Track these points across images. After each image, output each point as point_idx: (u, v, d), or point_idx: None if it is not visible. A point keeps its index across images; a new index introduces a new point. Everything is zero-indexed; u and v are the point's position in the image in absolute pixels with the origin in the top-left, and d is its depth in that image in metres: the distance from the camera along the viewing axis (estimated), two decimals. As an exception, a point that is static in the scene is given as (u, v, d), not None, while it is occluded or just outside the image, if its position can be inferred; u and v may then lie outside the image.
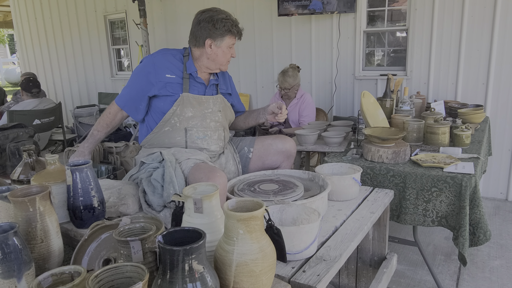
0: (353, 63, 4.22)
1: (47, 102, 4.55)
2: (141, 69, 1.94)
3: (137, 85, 1.93)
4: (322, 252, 1.37)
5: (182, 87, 1.91)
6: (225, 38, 1.92)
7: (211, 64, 1.97)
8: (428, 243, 2.92)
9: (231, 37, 1.94)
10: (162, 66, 1.90)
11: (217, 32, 1.90)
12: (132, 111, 1.97)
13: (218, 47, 1.92)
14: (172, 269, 0.84)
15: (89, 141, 2.00)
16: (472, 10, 3.51)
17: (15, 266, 0.98)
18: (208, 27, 1.89)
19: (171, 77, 1.90)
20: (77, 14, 6.45)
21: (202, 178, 1.62)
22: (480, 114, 2.88)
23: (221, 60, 1.96)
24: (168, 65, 1.91)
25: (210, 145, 1.97)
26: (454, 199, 1.97)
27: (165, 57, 1.93)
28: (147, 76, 1.90)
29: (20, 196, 1.20)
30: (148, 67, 1.91)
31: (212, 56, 1.94)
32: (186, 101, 1.91)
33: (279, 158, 2.11)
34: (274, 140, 2.13)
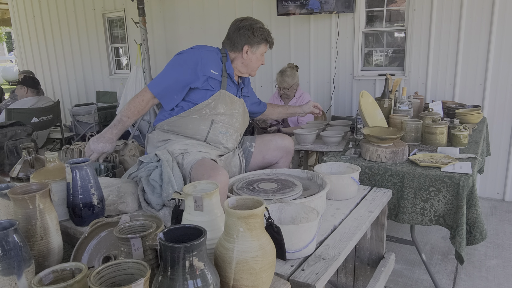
0: (352, 63, 4.23)
1: (45, 100, 4.54)
2: (186, 61, 1.96)
3: (178, 75, 1.95)
4: (320, 250, 1.38)
5: (221, 84, 2.02)
6: (261, 45, 2.07)
7: (243, 69, 2.11)
8: (426, 243, 2.93)
9: (266, 45, 2.10)
10: (209, 61, 1.98)
11: (255, 40, 2.04)
12: (166, 100, 1.99)
13: (253, 53, 2.07)
14: (173, 266, 0.84)
15: (118, 127, 1.94)
16: (470, 11, 3.53)
17: (15, 263, 0.98)
18: (248, 34, 2.03)
19: (214, 73, 1.99)
20: (76, 12, 6.44)
21: (204, 175, 1.67)
22: (477, 114, 2.90)
23: (253, 66, 2.10)
24: (213, 61, 2.00)
25: (228, 142, 2.07)
26: (451, 198, 1.98)
27: (211, 53, 2.02)
28: (194, 68, 1.94)
29: (20, 193, 1.20)
30: (195, 59, 1.96)
31: (247, 62, 2.08)
32: (222, 97, 2.01)
33: (278, 153, 2.21)
34: (274, 137, 2.25)
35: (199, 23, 5.12)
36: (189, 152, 1.88)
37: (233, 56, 2.08)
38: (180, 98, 1.98)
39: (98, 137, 1.91)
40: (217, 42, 5.47)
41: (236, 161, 2.13)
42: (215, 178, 1.64)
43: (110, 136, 1.93)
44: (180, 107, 2.00)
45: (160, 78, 1.98)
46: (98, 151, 1.90)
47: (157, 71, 5.76)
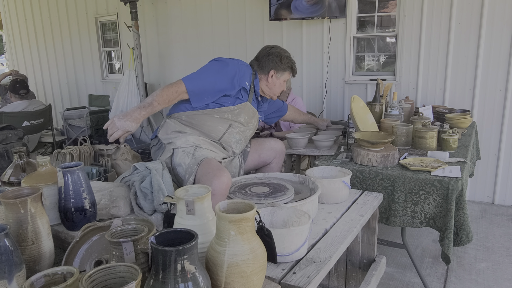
0: (344, 68, 4.27)
1: (36, 104, 4.52)
2: (226, 70, 2.06)
3: (215, 81, 2.04)
4: (312, 254, 1.39)
5: (248, 97, 2.19)
6: (285, 72, 2.26)
7: (267, 90, 2.28)
8: (417, 246, 2.96)
9: (290, 73, 2.30)
10: (245, 73, 2.13)
11: (282, 66, 2.23)
12: (196, 98, 2.04)
13: (278, 78, 2.25)
14: (164, 270, 0.85)
15: (148, 110, 1.86)
16: (459, 17, 3.59)
17: (6, 268, 0.98)
18: (276, 60, 2.22)
19: (247, 85, 2.14)
20: (68, 16, 6.41)
21: (209, 174, 1.78)
22: (467, 119, 2.94)
23: (275, 90, 2.29)
24: (248, 75, 2.16)
25: (237, 148, 2.21)
26: (441, 201, 2.01)
27: (247, 68, 2.17)
28: (232, 77, 2.06)
29: (11, 197, 1.20)
30: (235, 70, 2.08)
31: (270, 85, 2.26)
32: (246, 108, 2.18)
33: (271, 154, 2.38)
34: (267, 139, 2.46)
35: (192, 27, 5.13)
36: (202, 147, 2.02)
37: (259, 77, 2.26)
38: (210, 100, 2.08)
39: (125, 115, 1.79)
40: (209, 46, 5.46)
41: (236, 162, 2.25)
42: (219, 178, 1.73)
43: (138, 116, 1.81)
44: (205, 104, 2.09)
45: (197, 78, 2.04)
46: (123, 128, 1.76)
47: (150, 75, 5.75)
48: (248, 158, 2.36)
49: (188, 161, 1.95)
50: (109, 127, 1.77)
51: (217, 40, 4.97)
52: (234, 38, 4.83)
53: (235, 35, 4.82)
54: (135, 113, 1.81)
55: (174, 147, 2.03)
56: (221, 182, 1.73)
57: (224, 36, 4.90)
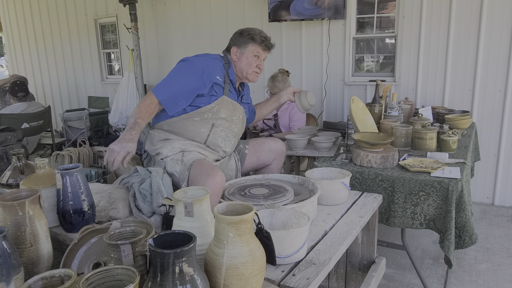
0: (343, 69, 4.27)
1: (36, 106, 4.51)
2: (193, 69, 2.00)
3: (185, 83, 1.98)
4: (311, 256, 1.38)
5: (223, 90, 2.08)
6: (248, 45, 2.09)
7: (238, 72, 2.14)
8: (416, 247, 2.95)
9: (255, 44, 2.09)
10: (215, 67, 2.04)
11: (242, 40, 2.10)
12: (170, 106, 1.99)
13: (242, 53, 2.10)
14: (162, 272, 0.85)
15: (136, 129, 1.87)
16: (458, 18, 3.59)
17: (4, 271, 0.98)
18: (235, 36, 2.14)
19: (219, 79, 2.04)
20: (67, 17, 6.42)
21: (203, 173, 1.74)
22: (466, 120, 2.94)
23: (244, 68, 2.11)
24: (218, 68, 2.06)
25: (227, 146, 2.13)
26: (441, 203, 2.00)
27: (215, 60, 2.07)
28: (201, 76, 1.99)
29: (9, 200, 1.19)
30: (202, 66, 2.00)
31: (237, 63, 2.13)
32: (224, 103, 2.07)
33: (271, 155, 2.30)
34: (267, 139, 2.34)
35: (191, 29, 5.13)
36: (190, 151, 1.95)
37: (231, 62, 2.15)
38: (185, 104, 2.01)
39: (119, 141, 1.82)
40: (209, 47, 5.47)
41: (233, 164, 2.19)
42: (213, 178, 1.69)
43: (130, 137, 1.84)
44: (182, 109, 2.03)
45: (166, 85, 1.98)
46: (123, 150, 1.77)
47: (149, 76, 5.75)
48: (246, 160, 2.29)
49: (179, 168, 1.89)
50: (108, 155, 1.75)
51: (216, 41, 4.97)
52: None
53: (234, 36, 4.81)
54: (127, 135, 1.84)
55: (162, 157, 1.98)
56: (215, 181, 1.70)
57: (223, 37, 4.89)
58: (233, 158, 2.23)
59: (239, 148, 2.31)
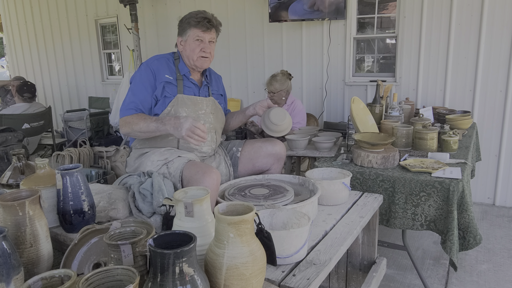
0: (344, 69, 4.26)
1: (36, 106, 4.52)
2: (143, 74, 1.94)
3: (144, 89, 1.92)
4: (312, 256, 1.38)
5: (177, 89, 1.96)
6: (188, 31, 1.96)
7: (188, 62, 2.00)
8: (417, 248, 2.95)
9: (194, 29, 1.94)
10: (161, 67, 1.95)
11: (181, 27, 1.98)
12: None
13: (185, 41, 1.97)
14: (162, 272, 0.84)
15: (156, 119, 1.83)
16: (459, 18, 3.59)
17: (3, 271, 0.98)
18: (178, 27, 2.02)
19: (169, 77, 1.95)
20: (68, 18, 6.42)
21: (198, 172, 1.67)
22: (467, 120, 2.93)
23: (190, 55, 1.96)
24: (165, 66, 1.97)
25: (202, 146, 2.00)
26: (442, 203, 2.00)
27: (160, 61, 1.98)
28: (150, 79, 1.93)
29: (9, 200, 1.19)
30: (149, 70, 1.94)
31: (184, 53, 2.00)
32: (181, 102, 1.94)
33: (269, 160, 2.14)
34: (264, 143, 2.15)
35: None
36: (172, 160, 1.83)
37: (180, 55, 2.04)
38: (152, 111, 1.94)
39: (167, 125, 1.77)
40: (210, 48, 5.38)
41: (223, 169, 2.08)
42: (209, 175, 1.64)
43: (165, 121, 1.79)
44: None
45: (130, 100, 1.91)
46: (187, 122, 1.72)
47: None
48: (239, 166, 2.13)
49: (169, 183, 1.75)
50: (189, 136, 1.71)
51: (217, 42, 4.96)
52: (234, 40, 4.82)
53: (234, 37, 4.82)
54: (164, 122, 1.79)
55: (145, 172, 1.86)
56: (212, 179, 1.65)
57: (224, 38, 4.89)
58: (224, 162, 2.10)
59: (231, 152, 2.16)
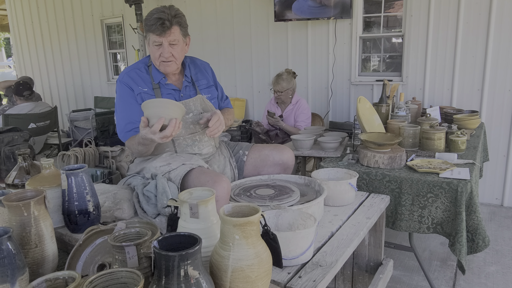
0: (349, 69, 4.24)
1: (42, 106, 4.54)
2: (122, 91, 1.85)
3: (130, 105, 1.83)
4: (318, 257, 1.37)
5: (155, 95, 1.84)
6: (148, 35, 1.81)
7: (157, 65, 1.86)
8: (424, 249, 2.92)
9: (150, 33, 1.78)
10: (132, 81, 1.84)
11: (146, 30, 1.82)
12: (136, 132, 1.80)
13: (148, 45, 1.84)
14: (167, 275, 0.83)
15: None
16: (467, 16, 3.55)
17: (8, 271, 0.97)
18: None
19: (144, 89, 1.83)
20: (74, 18, 6.45)
21: (208, 181, 1.60)
22: (475, 120, 2.90)
23: (154, 61, 1.85)
24: (137, 78, 1.85)
25: (202, 149, 1.93)
26: (450, 205, 1.97)
27: (130, 74, 1.86)
28: (129, 93, 1.82)
29: (14, 200, 1.19)
30: (123, 85, 1.84)
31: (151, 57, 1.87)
32: None
33: (275, 169, 2.04)
34: (272, 151, 2.04)
35: (196, 30, 5.12)
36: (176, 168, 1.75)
37: None
38: None
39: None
40: (214, 48, 5.48)
41: (228, 172, 2.02)
42: (220, 184, 1.59)
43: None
44: None
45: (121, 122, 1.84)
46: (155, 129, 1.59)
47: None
48: (244, 171, 2.04)
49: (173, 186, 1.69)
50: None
51: (222, 42, 4.96)
52: (239, 40, 4.81)
53: (240, 36, 4.81)
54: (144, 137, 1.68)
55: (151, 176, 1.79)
56: (222, 187, 1.59)
57: (229, 37, 4.89)
58: (229, 165, 2.02)
59: (237, 155, 2.07)
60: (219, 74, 4.98)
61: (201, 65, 2.04)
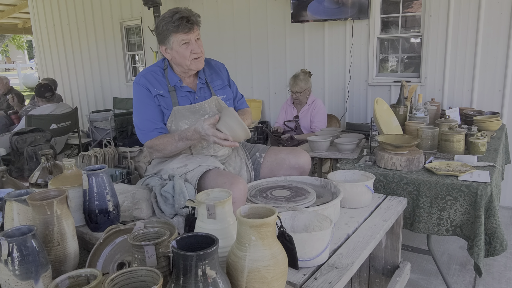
0: (367, 69, 4.20)
1: (64, 107, 4.65)
2: (140, 93, 1.86)
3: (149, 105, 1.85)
4: (334, 259, 1.37)
5: (171, 101, 1.86)
6: (170, 38, 1.79)
7: (181, 68, 1.88)
8: (443, 252, 2.88)
9: (176, 34, 1.78)
10: (149, 83, 1.85)
11: (161, 36, 1.82)
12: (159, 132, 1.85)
13: (171, 49, 1.83)
14: (185, 274, 0.85)
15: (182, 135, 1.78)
16: (488, 16, 3.48)
17: (32, 268, 1.01)
18: (156, 35, 1.86)
19: (159, 92, 1.85)
20: (94, 21, 6.58)
21: (225, 183, 1.62)
22: (496, 121, 2.84)
23: (181, 61, 1.83)
24: (153, 81, 1.86)
25: (217, 151, 1.95)
26: (469, 208, 1.94)
27: (146, 76, 1.87)
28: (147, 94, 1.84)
29: (38, 199, 1.23)
30: (140, 87, 1.86)
31: (173, 60, 1.87)
32: (178, 114, 1.86)
33: (291, 173, 2.03)
34: (288, 155, 2.02)
35: (214, 32, 5.17)
36: (192, 170, 1.77)
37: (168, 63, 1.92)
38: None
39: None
40: (231, 49, 5.49)
41: (244, 174, 2.02)
42: (237, 185, 1.60)
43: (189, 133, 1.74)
44: None
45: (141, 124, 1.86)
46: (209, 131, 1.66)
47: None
48: (261, 175, 2.05)
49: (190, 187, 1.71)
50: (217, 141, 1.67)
51: (239, 43, 4.99)
52: (256, 41, 4.83)
53: (256, 38, 4.82)
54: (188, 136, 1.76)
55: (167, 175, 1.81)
56: (239, 189, 1.61)
57: (246, 39, 4.91)
58: (245, 167, 2.03)
59: (254, 157, 2.07)
60: (236, 75, 5.01)
61: (216, 66, 2.05)
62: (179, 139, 1.77)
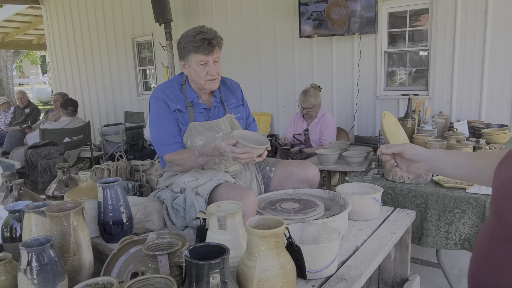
0: (374, 83, 4.24)
1: (77, 121, 4.75)
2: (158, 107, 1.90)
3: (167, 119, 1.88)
4: (342, 271, 1.38)
5: (188, 116, 1.90)
6: (189, 56, 1.84)
7: (196, 85, 1.92)
8: (453, 266, 2.85)
9: (195, 54, 1.82)
10: (167, 97, 1.89)
11: (182, 51, 1.86)
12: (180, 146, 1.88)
13: (189, 66, 1.87)
14: (197, 282, 0.88)
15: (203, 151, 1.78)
16: (494, 29, 3.50)
17: (50, 277, 1.04)
18: (178, 50, 1.91)
19: (177, 107, 1.89)
20: (107, 37, 6.75)
21: (236, 196, 1.64)
22: (505, 134, 2.84)
23: (197, 79, 1.87)
24: (171, 96, 1.90)
25: (228, 167, 1.97)
26: (477, 221, 1.94)
27: (165, 91, 1.91)
28: (166, 108, 1.88)
29: (55, 211, 1.27)
30: (159, 101, 1.89)
31: (190, 77, 1.91)
32: (194, 130, 1.89)
33: (300, 186, 2.04)
34: (297, 168, 2.03)
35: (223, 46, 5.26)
36: (203, 184, 1.80)
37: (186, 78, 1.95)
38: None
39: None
40: (241, 63, 5.58)
41: (254, 187, 2.04)
42: (247, 198, 1.63)
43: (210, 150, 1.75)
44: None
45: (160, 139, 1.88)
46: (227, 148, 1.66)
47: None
48: (270, 188, 2.06)
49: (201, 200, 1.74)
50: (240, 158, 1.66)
51: (248, 57, 5.07)
52: (265, 55, 4.91)
53: (265, 51, 4.90)
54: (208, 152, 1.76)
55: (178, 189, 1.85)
56: (249, 202, 1.63)
57: (255, 53, 4.99)
58: (256, 180, 2.05)
59: (264, 171, 2.09)
60: (245, 89, 5.07)
61: (231, 84, 2.09)
62: (199, 155, 1.79)
